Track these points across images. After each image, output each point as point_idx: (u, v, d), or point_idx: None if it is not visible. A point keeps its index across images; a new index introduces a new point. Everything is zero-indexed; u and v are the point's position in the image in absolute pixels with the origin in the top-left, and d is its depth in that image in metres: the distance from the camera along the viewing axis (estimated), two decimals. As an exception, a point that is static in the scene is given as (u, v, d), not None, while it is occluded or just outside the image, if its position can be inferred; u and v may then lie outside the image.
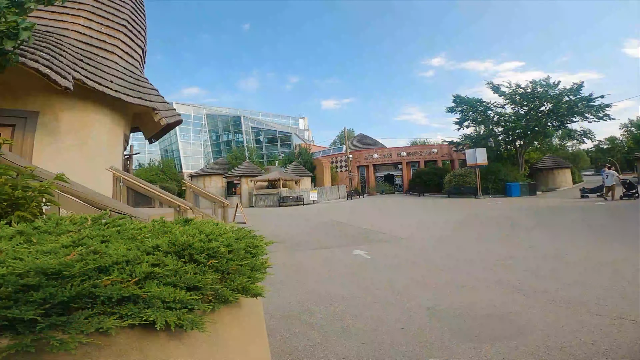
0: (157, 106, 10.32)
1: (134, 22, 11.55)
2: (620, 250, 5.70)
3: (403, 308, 3.64)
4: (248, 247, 1.78)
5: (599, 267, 4.85)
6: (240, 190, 29.35)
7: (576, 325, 3.05)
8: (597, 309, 3.40)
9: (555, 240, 6.83)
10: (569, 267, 4.89)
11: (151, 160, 45.90)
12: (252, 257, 1.76)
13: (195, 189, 10.58)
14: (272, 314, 3.62)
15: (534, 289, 4.09)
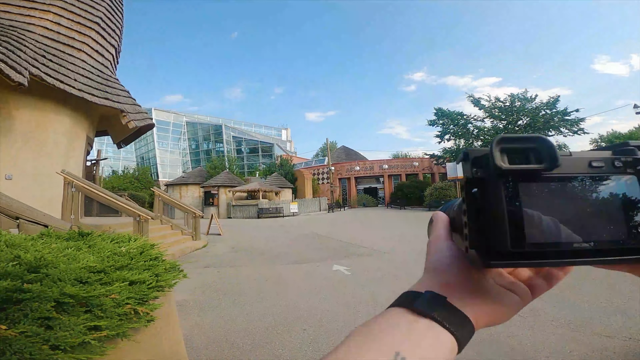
0: (126, 108, 9.65)
1: (108, 20, 10.91)
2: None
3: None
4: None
5: (593, 283, 4.55)
6: (218, 200, 28.40)
7: (585, 349, 2.68)
8: (603, 329, 3.06)
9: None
10: (562, 284, 4.51)
11: (126, 168, 44.07)
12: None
13: (165, 198, 9.88)
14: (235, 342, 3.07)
15: (529, 308, 3.71)
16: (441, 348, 0.26)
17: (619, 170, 0.25)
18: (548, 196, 0.24)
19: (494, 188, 0.24)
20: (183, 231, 9.86)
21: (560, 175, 0.24)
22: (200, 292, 4.85)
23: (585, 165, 0.25)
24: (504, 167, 0.23)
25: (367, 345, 0.25)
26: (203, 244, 9.69)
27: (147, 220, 5.85)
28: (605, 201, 0.24)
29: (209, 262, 7.15)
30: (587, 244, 0.23)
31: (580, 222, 0.23)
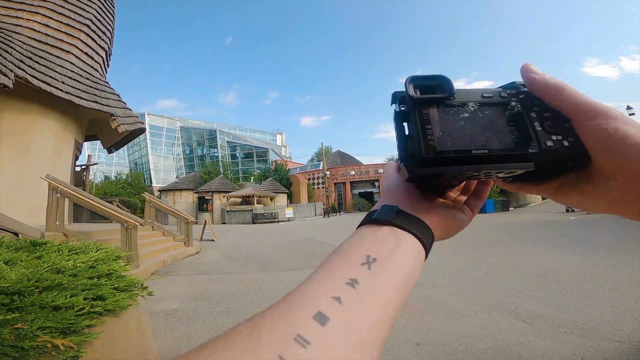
0: (116, 112, 9.42)
1: (98, 23, 10.71)
2: (608, 265, 5.35)
3: (386, 344, 2.99)
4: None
5: (594, 284, 4.42)
6: (212, 206, 28.08)
7: (597, 355, 2.52)
8: (613, 334, 2.92)
9: (539, 256, 6.45)
10: (563, 286, 4.43)
11: (118, 173, 43.60)
12: None
13: (157, 204, 9.62)
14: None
15: (533, 313, 3.56)
16: (405, 247, 0.28)
17: (505, 99, 0.31)
18: (451, 117, 0.30)
19: (411, 114, 0.30)
20: (175, 237, 9.61)
21: (460, 102, 0.31)
22: (191, 300, 4.64)
23: (479, 96, 0.31)
24: (416, 96, 0.30)
25: (340, 257, 0.27)
26: (196, 251, 9.44)
27: (135, 226, 5.62)
28: (496, 120, 0.30)
29: (201, 269, 6.92)
30: (483, 151, 0.28)
31: (477, 136, 0.29)
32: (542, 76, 0.31)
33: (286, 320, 0.21)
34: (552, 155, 0.29)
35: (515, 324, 3.32)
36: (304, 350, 0.19)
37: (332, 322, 0.21)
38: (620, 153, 0.26)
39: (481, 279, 5.06)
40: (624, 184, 0.27)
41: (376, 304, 0.24)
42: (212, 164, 41.32)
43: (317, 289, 0.24)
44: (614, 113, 0.28)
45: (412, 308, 3.89)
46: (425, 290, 4.66)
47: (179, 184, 31.00)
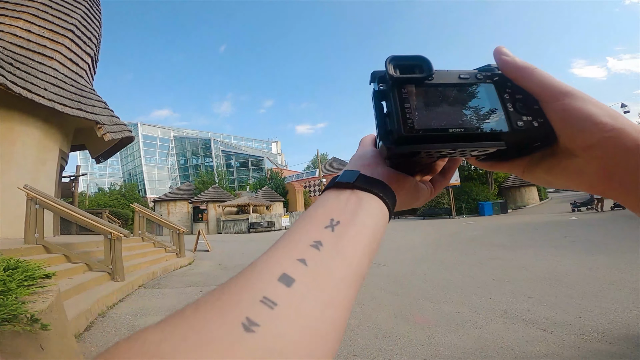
0: (102, 119, 9.07)
1: (84, 28, 10.41)
2: (622, 266, 5.06)
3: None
4: None
5: (611, 287, 4.13)
6: (207, 216, 27.62)
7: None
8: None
9: (545, 259, 6.15)
10: (578, 290, 4.13)
11: (112, 184, 43.03)
12: None
13: (147, 215, 9.26)
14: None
15: (551, 320, 3.25)
16: (367, 207, 0.28)
17: (481, 80, 0.32)
18: (430, 97, 0.30)
19: (391, 93, 0.30)
20: (167, 248, 9.23)
21: (438, 83, 0.31)
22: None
23: (456, 77, 0.32)
24: (395, 75, 0.30)
25: (304, 222, 0.27)
26: (188, 262, 9.06)
27: (119, 238, 5.25)
28: (471, 101, 0.31)
29: (193, 281, 6.54)
30: (459, 130, 0.29)
31: (454, 115, 0.30)
32: (512, 58, 0.32)
33: (251, 284, 0.21)
34: (523, 135, 0.30)
35: (533, 333, 3.01)
36: (271, 310, 0.19)
37: (298, 282, 0.21)
38: (582, 132, 0.27)
39: (488, 285, 4.75)
40: (585, 160, 0.28)
41: (341, 263, 0.24)
42: (206, 174, 40.83)
43: (282, 253, 0.24)
44: (580, 94, 0.29)
45: (417, 319, 3.57)
46: (430, 299, 4.34)
47: (172, 194, 30.53)
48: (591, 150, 0.27)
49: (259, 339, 0.17)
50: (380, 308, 4.03)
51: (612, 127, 0.26)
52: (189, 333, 0.17)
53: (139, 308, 4.68)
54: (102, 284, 5.17)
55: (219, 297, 0.20)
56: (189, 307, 0.20)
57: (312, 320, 0.20)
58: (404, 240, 11.24)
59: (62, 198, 13.34)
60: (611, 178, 0.27)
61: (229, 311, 0.19)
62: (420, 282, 5.21)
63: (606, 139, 0.26)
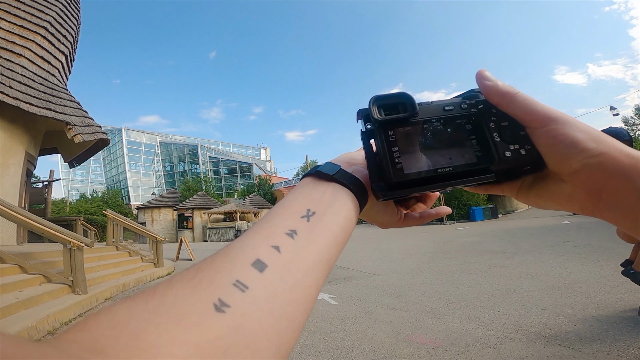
0: (73, 120, 8.40)
1: (59, 25, 9.76)
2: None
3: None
4: None
5: (631, 295, 3.72)
6: (193, 223, 26.77)
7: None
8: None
9: (550, 265, 5.77)
10: (595, 300, 3.71)
11: (94, 191, 41.67)
12: None
13: (121, 222, 8.60)
14: None
15: (576, 335, 2.82)
16: (341, 200, 0.29)
17: (465, 110, 0.31)
18: (417, 136, 0.30)
19: (377, 135, 0.30)
20: (143, 258, 8.58)
21: (423, 119, 0.31)
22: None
23: (441, 110, 0.31)
24: (379, 118, 0.30)
25: (282, 210, 0.28)
26: (167, 272, 8.42)
27: (80, 247, 4.65)
28: (458, 134, 0.30)
29: (168, 295, 5.94)
30: (448, 168, 0.29)
31: (441, 153, 0.30)
32: (494, 83, 0.31)
33: (225, 267, 0.21)
34: (511, 164, 0.30)
35: (559, 352, 2.57)
36: (242, 294, 0.20)
37: (270, 268, 0.22)
38: (568, 157, 0.28)
39: (495, 296, 4.31)
40: (572, 185, 0.29)
41: (313, 252, 0.25)
42: (193, 180, 39.88)
43: (257, 239, 0.24)
44: (565, 119, 0.29)
45: (420, 339, 3.08)
46: (432, 314, 3.87)
47: (157, 201, 29.55)
48: (577, 175, 0.28)
49: (229, 319, 0.18)
50: (376, 326, 3.53)
51: (596, 151, 0.27)
52: (160, 309, 0.17)
53: (100, 328, 4.08)
54: (59, 297, 4.57)
55: (193, 276, 0.20)
56: (162, 284, 0.20)
57: (281, 303, 0.21)
58: (396, 248, 10.79)
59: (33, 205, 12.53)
60: (598, 201, 0.27)
61: (201, 291, 0.19)
62: (419, 294, 4.74)
63: (591, 164, 0.27)
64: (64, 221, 10.63)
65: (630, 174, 0.25)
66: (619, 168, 0.26)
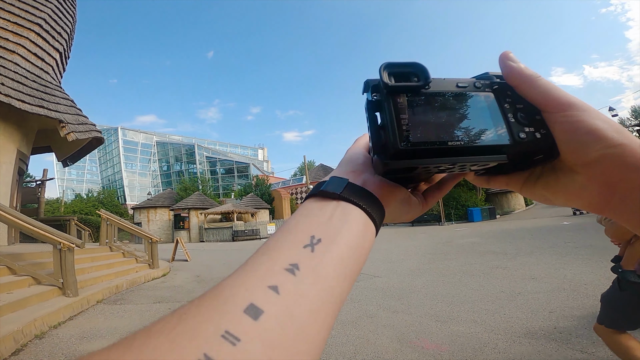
0: (66, 118, 8.22)
1: (53, 22, 9.59)
2: None
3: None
4: None
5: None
6: (189, 223, 26.55)
7: None
8: None
9: (553, 267, 5.67)
10: (602, 306, 3.61)
11: (90, 191, 41.30)
12: None
13: (115, 222, 8.43)
14: None
15: (587, 339, 2.71)
16: (352, 223, 0.26)
17: (480, 89, 0.30)
18: (427, 107, 0.28)
19: (385, 103, 0.28)
20: (138, 259, 8.41)
21: (435, 91, 0.29)
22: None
23: (454, 85, 0.30)
24: (390, 84, 0.28)
25: (281, 239, 0.24)
26: (163, 273, 8.25)
27: (70, 248, 4.49)
28: (472, 112, 0.29)
29: (163, 296, 5.79)
30: (459, 142, 0.27)
31: (453, 127, 0.28)
32: (519, 65, 0.30)
33: (212, 315, 0.18)
34: (525, 147, 0.28)
35: (572, 357, 2.46)
36: (232, 347, 0.17)
37: (266, 314, 0.19)
38: (585, 145, 0.26)
39: (499, 299, 4.20)
40: (585, 177, 0.27)
41: (319, 289, 0.21)
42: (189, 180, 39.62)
43: (252, 278, 0.21)
44: (585, 106, 0.27)
45: (426, 344, 2.96)
46: (436, 317, 3.75)
47: (153, 201, 29.29)
48: (593, 166, 0.26)
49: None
50: (379, 330, 3.40)
51: (617, 142, 0.25)
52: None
53: (89, 329, 3.95)
54: (48, 299, 4.42)
55: (175, 325, 0.17)
56: (140, 334, 0.17)
57: (282, 357, 0.18)
58: (396, 249, 10.69)
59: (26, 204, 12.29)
60: (612, 196, 0.26)
61: (184, 346, 0.16)
62: (422, 296, 4.62)
63: (610, 154, 0.25)
64: (57, 221, 10.44)
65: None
66: (638, 161, 0.24)
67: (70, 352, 3.28)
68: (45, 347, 3.38)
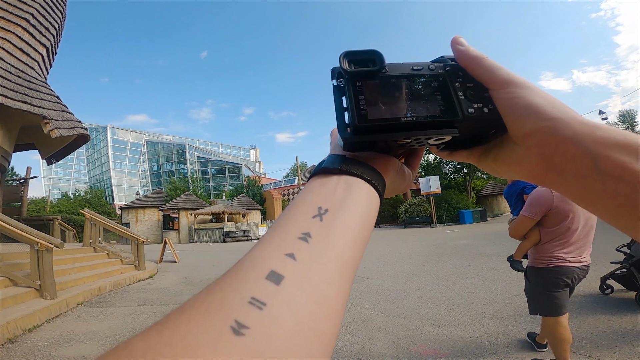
0: (51, 114, 7.90)
1: (42, 18, 9.28)
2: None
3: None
4: None
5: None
6: (179, 224, 26.10)
7: None
8: None
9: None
10: (602, 304, 3.53)
11: (77, 190, 40.42)
12: None
13: (99, 222, 8.15)
14: None
15: (593, 343, 2.61)
16: (356, 193, 0.27)
17: (433, 71, 0.32)
18: (383, 89, 0.31)
19: (346, 86, 0.31)
20: (123, 260, 8.14)
21: (391, 75, 0.32)
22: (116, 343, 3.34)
23: (409, 69, 0.32)
24: (349, 70, 0.30)
25: (290, 213, 0.26)
26: (149, 275, 8.01)
27: (48, 249, 4.26)
28: (425, 91, 0.31)
29: (148, 298, 5.57)
30: (412, 118, 0.29)
31: (407, 105, 0.30)
32: (466, 48, 0.32)
33: (237, 284, 0.19)
34: (474, 122, 0.30)
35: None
36: (260, 312, 0.18)
37: (287, 279, 0.20)
38: (522, 119, 0.28)
39: (496, 301, 4.10)
40: (524, 149, 0.28)
41: (332, 255, 0.22)
42: (180, 180, 39.05)
43: (268, 249, 0.22)
44: (525, 83, 0.29)
45: (423, 350, 2.82)
46: (432, 321, 3.62)
47: (141, 201, 28.73)
48: (530, 138, 0.28)
49: (250, 342, 0.16)
50: (374, 335, 3.26)
51: (550, 115, 0.27)
52: (174, 340, 0.16)
53: (66, 332, 3.74)
54: (24, 302, 4.18)
55: (204, 300, 0.19)
56: (174, 313, 0.18)
57: (306, 318, 0.19)
58: (388, 251, 10.58)
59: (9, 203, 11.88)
60: (549, 167, 0.27)
61: (215, 314, 0.17)
62: (417, 300, 4.50)
63: (544, 127, 0.27)
64: (40, 220, 10.10)
65: (583, 140, 0.25)
66: (571, 133, 0.25)
67: (44, 357, 3.09)
68: (17, 352, 3.17)
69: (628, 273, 3.73)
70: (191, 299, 0.19)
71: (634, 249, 3.82)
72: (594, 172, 0.24)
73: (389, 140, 0.31)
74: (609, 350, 2.57)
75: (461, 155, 0.36)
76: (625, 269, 3.80)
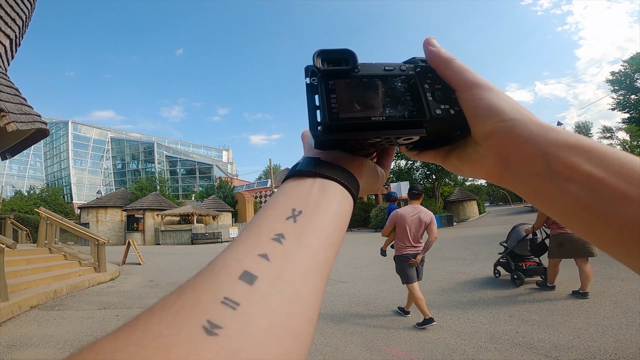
0: (7, 107, 7.37)
1: (9, 8, 8.61)
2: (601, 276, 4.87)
3: None
4: None
5: (600, 300, 3.80)
6: (144, 225, 25.03)
7: None
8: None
9: (511, 273, 5.89)
10: (560, 306, 3.74)
11: (32, 188, 37.76)
12: None
13: (55, 220, 7.64)
14: None
15: (549, 342, 2.75)
16: (330, 195, 0.27)
17: (404, 71, 0.33)
18: (355, 88, 0.31)
19: (319, 85, 0.31)
20: (82, 262, 7.67)
21: (364, 74, 0.32)
22: (75, 348, 3.13)
23: (381, 69, 0.33)
24: (322, 68, 0.31)
25: (264, 215, 0.26)
26: (110, 277, 7.60)
27: (0, 249, 3.93)
28: (395, 91, 0.32)
29: (108, 302, 5.28)
30: (381, 118, 0.30)
31: (377, 104, 0.31)
32: (438, 49, 0.33)
33: (210, 284, 0.19)
34: (440, 123, 0.31)
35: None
36: (233, 311, 0.18)
37: (261, 279, 0.20)
38: (482, 119, 0.29)
39: (462, 303, 4.25)
40: (484, 148, 0.29)
41: (306, 255, 0.23)
42: (146, 180, 37.48)
43: (242, 249, 0.22)
44: (490, 86, 0.30)
45: (397, 353, 2.86)
46: (404, 324, 3.69)
47: (103, 201, 27.29)
48: (488, 138, 0.29)
49: (223, 342, 0.16)
50: (347, 337, 3.27)
51: (509, 116, 0.27)
52: (145, 341, 0.16)
53: (19, 336, 3.48)
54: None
55: (175, 300, 0.18)
56: (143, 314, 0.18)
57: (280, 317, 0.19)
58: (360, 254, 10.68)
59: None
60: (505, 167, 0.28)
61: (187, 315, 0.17)
62: (388, 302, 4.57)
63: (502, 127, 0.27)
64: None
65: (537, 141, 0.26)
66: (527, 134, 0.26)
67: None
68: (-40, 362, 2.89)
69: (507, 261, 5.08)
70: (161, 300, 0.18)
71: (509, 243, 5.23)
72: (547, 172, 0.25)
73: (360, 138, 0.31)
74: (567, 351, 2.73)
75: (428, 155, 0.37)
76: (504, 258, 5.20)
